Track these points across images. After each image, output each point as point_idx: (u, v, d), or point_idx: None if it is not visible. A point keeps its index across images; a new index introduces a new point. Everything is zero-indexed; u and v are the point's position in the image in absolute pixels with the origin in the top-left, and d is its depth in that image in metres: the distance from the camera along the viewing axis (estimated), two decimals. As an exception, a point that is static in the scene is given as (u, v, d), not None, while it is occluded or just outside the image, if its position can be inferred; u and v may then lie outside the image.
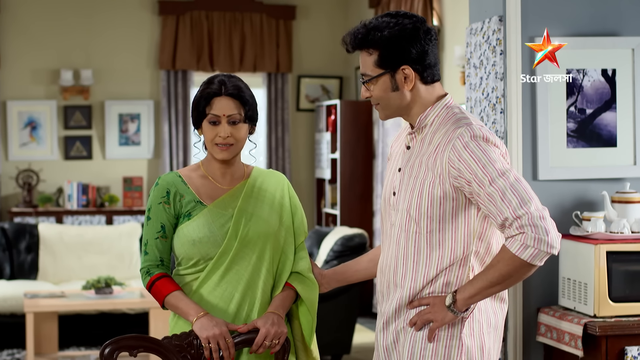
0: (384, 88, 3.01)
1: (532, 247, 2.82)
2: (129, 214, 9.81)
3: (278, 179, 3.33)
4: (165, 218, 3.21)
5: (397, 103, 3.02)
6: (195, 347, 3.15)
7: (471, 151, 2.89)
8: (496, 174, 2.87)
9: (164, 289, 3.20)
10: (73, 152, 10.04)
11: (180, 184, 3.23)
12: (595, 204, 4.46)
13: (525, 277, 2.90)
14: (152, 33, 10.23)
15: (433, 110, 3.02)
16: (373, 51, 2.98)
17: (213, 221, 3.18)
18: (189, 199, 3.21)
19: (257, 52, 10.39)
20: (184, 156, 10.17)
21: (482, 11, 4.62)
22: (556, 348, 4.29)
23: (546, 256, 2.84)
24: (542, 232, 2.82)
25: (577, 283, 4.22)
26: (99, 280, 7.51)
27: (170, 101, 10.14)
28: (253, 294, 3.20)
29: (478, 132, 2.92)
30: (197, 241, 3.18)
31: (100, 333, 8.33)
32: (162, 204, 3.21)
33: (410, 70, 2.97)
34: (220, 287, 3.19)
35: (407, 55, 2.96)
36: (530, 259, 2.84)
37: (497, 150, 2.94)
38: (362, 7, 10.18)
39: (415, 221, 2.99)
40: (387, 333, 3.10)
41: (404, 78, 2.98)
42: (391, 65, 2.97)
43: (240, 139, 3.20)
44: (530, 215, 2.82)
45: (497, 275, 2.89)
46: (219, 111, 3.17)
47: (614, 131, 4.49)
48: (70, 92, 9.92)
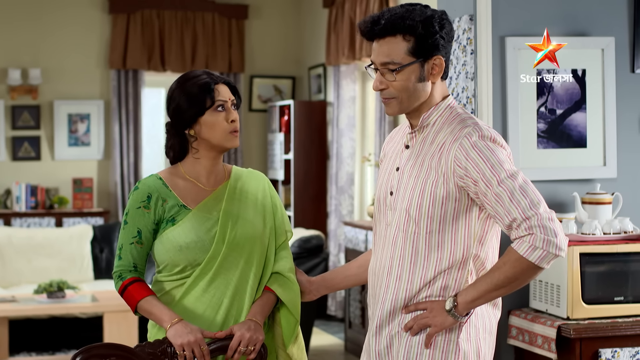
0: (411, 78, 2.88)
1: (541, 248, 2.76)
2: (79, 216, 9.63)
3: (258, 178, 3.25)
4: (143, 223, 3.09)
5: (418, 95, 2.90)
6: (169, 355, 3.05)
7: (479, 150, 2.82)
8: (505, 174, 2.80)
9: (136, 294, 3.08)
10: (21, 153, 9.83)
11: (163, 188, 3.11)
12: (566, 205, 4.43)
13: (531, 279, 2.83)
14: (102, 32, 10.07)
15: (436, 110, 2.94)
16: (410, 37, 2.84)
17: (199, 225, 3.07)
18: (173, 203, 3.09)
19: (209, 52, 10.28)
20: (135, 157, 10.01)
21: (452, 10, 4.56)
22: (528, 351, 4.24)
23: (554, 258, 2.78)
24: (551, 234, 2.76)
25: (549, 285, 4.18)
26: (51, 284, 7.34)
27: (121, 101, 9.98)
28: (241, 299, 3.10)
29: (486, 133, 2.86)
30: (184, 247, 3.06)
31: (51, 338, 8.16)
32: (142, 208, 3.09)
33: (441, 61, 2.88)
34: (207, 294, 3.08)
35: (440, 45, 2.87)
36: (539, 260, 2.77)
37: (504, 152, 2.88)
38: (316, 6, 10.10)
39: (415, 221, 2.91)
40: (379, 338, 3.01)
41: (432, 68, 2.88)
42: (425, 54, 2.86)
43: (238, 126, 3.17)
44: (539, 217, 2.76)
45: (503, 278, 2.81)
46: (225, 96, 3.10)
47: (583, 132, 4.46)
48: (18, 92, 9.72)
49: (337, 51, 9.17)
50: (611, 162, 4.48)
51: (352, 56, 8.87)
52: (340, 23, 9.12)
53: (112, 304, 7.26)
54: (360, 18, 8.51)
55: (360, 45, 8.59)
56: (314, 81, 10.25)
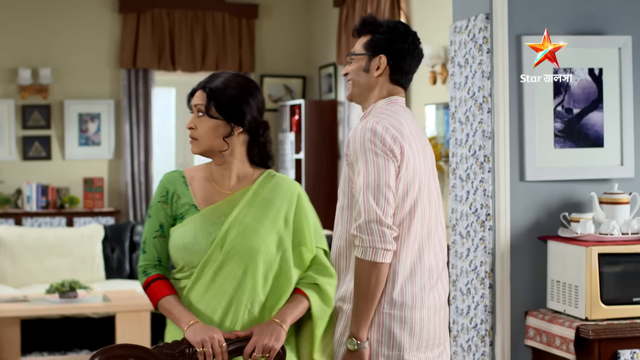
0: (359, 66, 3.37)
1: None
2: (89, 216, 9.62)
3: (288, 189, 3.09)
4: (163, 217, 3.08)
5: (360, 83, 3.37)
6: (188, 355, 3.02)
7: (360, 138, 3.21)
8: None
9: (158, 292, 3.06)
10: (32, 153, 9.82)
11: (180, 184, 3.09)
12: (583, 205, 4.40)
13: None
14: (112, 31, 10.06)
15: (376, 105, 3.34)
16: (368, 35, 3.37)
17: (201, 228, 3.02)
18: (185, 201, 3.07)
19: (219, 52, 10.26)
20: (145, 156, 10.00)
21: (467, 9, 4.54)
22: (545, 352, 4.21)
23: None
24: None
25: (567, 286, 4.16)
26: (63, 284, 7.32)
27: (131, 100, 9.97)
28: (236, 312, 3.02)
29: (370, 125, 3.20)
30: (182, 247, 3.03)
31: (63, 337, 8.16)
32: (161, 202, 3.09)
33: (384, 60, 3.32)
34: (204, 300, 3.03)
35: (388, 48, 3.32)
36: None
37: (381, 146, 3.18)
38: (326, 6, 10.08)
39: (340, 199, 3.40)
40: None
41: (377, 66, 3.33)
42: (373, 50, 3.34)
43: (202, 134, 3.02)
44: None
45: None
46: (194, 102, 3.07)
47: (600, 131, 4.43)
48: (28, 91, 9.71)
49: (348, 50, 9.13)
50: (628, 162, 4.45)
51: (364, 55, 8.84)
52: (351, 22, 9.09)
53: (124, 304, 7.25)
54: (372, 17, 8.50)
55: (372, 44, 8.56)
56: (324, 80, 10.22)
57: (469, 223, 4.48)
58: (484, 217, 4.37)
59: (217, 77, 3.07)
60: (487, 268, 4.35)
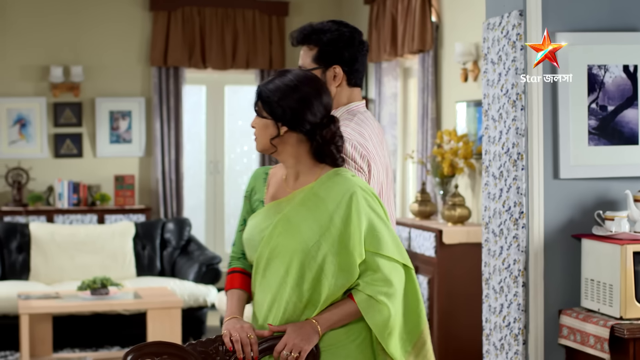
0: None
1: None
2: (120, 213, 9.66)
3: (343, 189, 3.00)
4: (246, 212, 3.20)
5: None
6: (221, 353, 3.03)
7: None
8: None
9: (230, 283, 3.17)
10: (63, 150, 9.87)
11: (260, 181, 3.18)
12: (617, 203, 4.36)
13: None
14: (143, 29, 10.08)
15: (337, 112, 3.30)
16: (313, 47, 3.34)
17: (260, 224, 3.05)
18: (258, 197, 3.15)
19: (250, 49, 10.27)
20: (176, 154, 10.02)
21: (500, 6, 4.52)
22: (579, 351, 4.18)
23: None
24: None
25: (602, 284, 4.12)
26: (95, 281, 7.36)
27: (162, 98, 9.99)
28: (278, 308, 3.01)
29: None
30: (245, 242, 3.13)
31: (94, 334, 8.20)
32: (246, 197, 3.21)
33: (340, 70, 3.33)
34: (258, 293, 3.09)
35: (340, 57, 3.33)
36: None
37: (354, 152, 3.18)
38: (357, 3, 10.06)
39: None
40: None
41: (333, 76, 3.33)
42: (325, 63, 3.33)
43: (257, 133, 3.06)
44: None
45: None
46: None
47: (635, 128, 4.39)
48: (60, 89, 9.76)
49: (379, 48, 9.11)
50: (664, 159, 4.41)
51: (394, 53, 8.81)
52: (382, 19, 9.06)
53: (155, 300, 7.28)
54: (402, 14, 8.46)
55: (402, 42, 8.52)
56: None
57: (502, 221, 4.46)
58: (518, 215, 4.34)
59: (279, 74, 3.06)
60: (521, 266, 4.33)
